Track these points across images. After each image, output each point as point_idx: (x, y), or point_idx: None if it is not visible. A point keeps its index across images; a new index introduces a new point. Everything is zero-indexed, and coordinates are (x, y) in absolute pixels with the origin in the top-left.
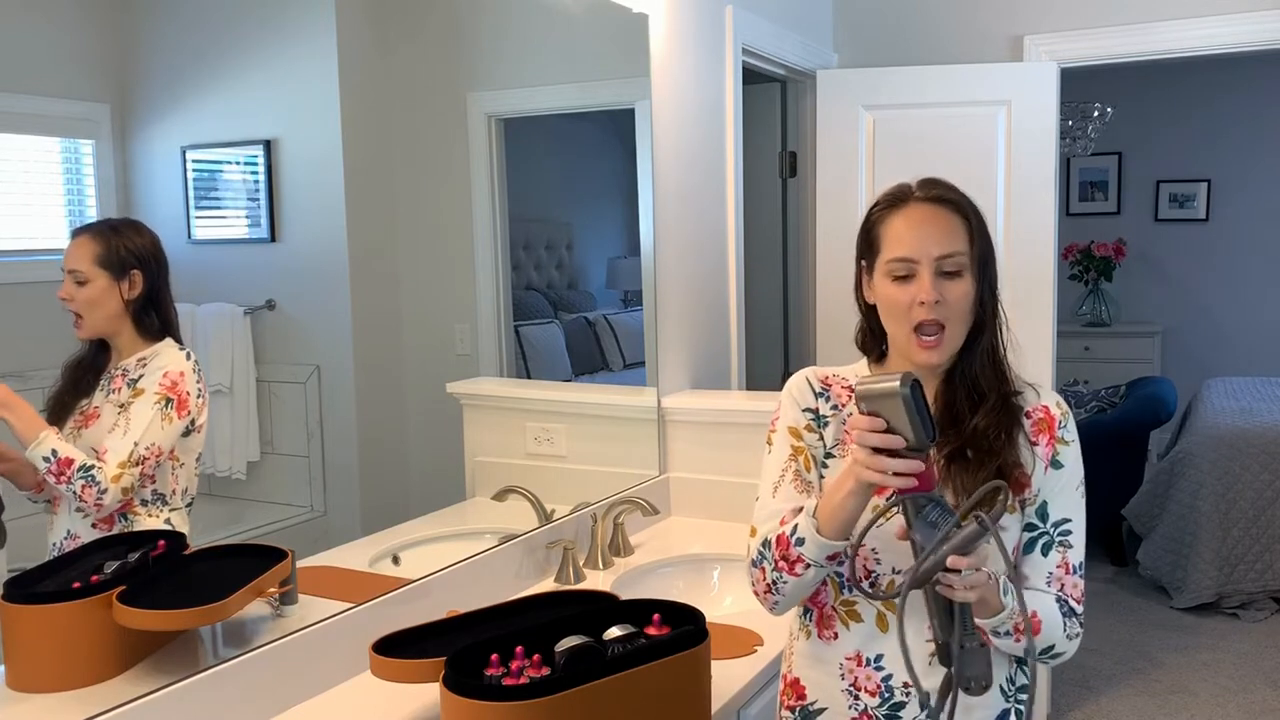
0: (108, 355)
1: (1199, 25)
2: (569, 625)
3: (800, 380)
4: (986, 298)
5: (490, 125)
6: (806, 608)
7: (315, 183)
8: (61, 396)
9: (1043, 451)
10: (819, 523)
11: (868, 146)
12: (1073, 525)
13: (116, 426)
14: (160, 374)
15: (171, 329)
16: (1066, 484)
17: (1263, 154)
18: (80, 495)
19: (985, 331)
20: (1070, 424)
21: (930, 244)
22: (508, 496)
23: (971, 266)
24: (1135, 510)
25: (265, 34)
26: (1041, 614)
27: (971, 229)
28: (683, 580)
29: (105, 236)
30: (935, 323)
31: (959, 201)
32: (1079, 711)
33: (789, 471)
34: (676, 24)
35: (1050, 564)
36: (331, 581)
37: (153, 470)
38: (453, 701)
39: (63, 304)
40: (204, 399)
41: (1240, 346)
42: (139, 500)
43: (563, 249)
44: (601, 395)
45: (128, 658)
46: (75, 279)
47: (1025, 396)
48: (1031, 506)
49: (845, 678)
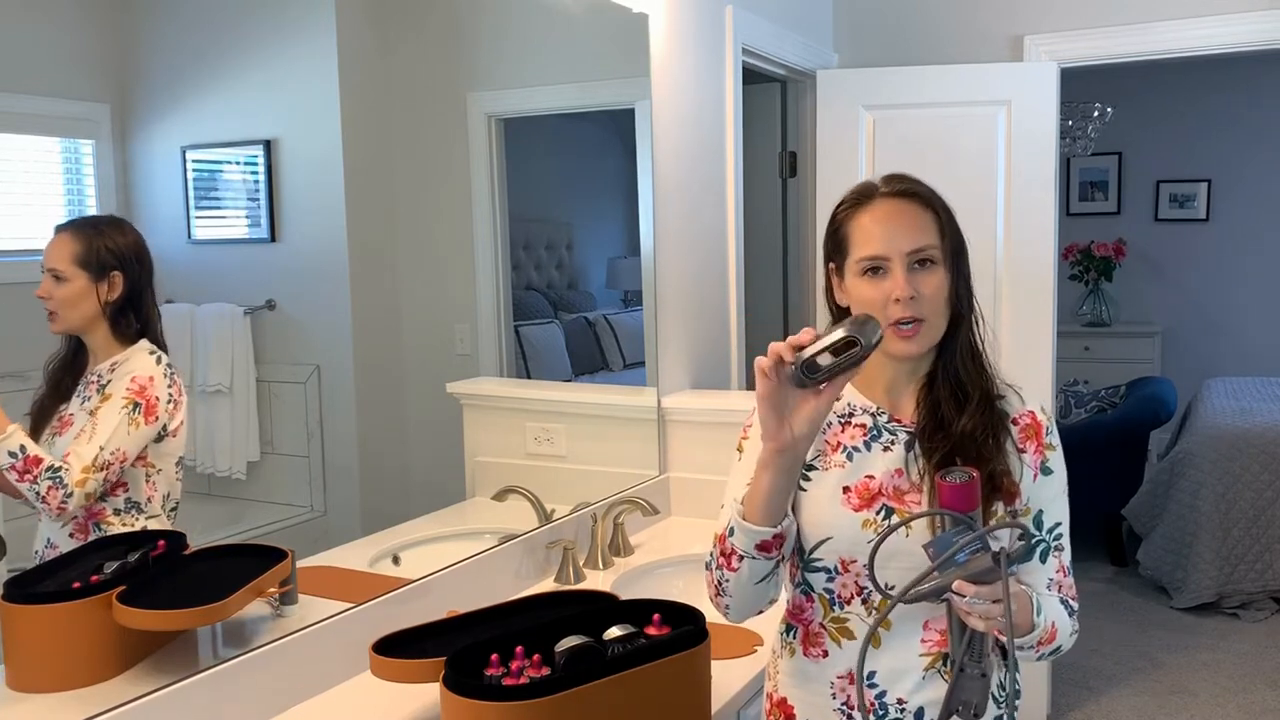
0: (86, 358)
1: (1199, 25)
2: (569, 625)
3: None
4: (962, 291)
5: (490, 125)
6: (790, 625)
7: (315, 183)
8: (43, 401)
9: (1031, 459)
10: (744, 508)
11: (868, 146)
12: (1063, 528)
13: (83, 431)
14: (128, 378)
15: (150, 331)
16: (1058, 490)
17: (1263, 154)
18: (44, 497)
19: (962, 326)
20: (1054, 429)
21: (901, 239)
22: (508, 496)
23: (944, 259)
24: (1135, 510)
25: (265, 34)
26: (1058, 623)
27: (941, 222)
28: (683, 580)
29: (86, 235)
30: (912, 318)
31: (926, 195)
32: (1079, 711)
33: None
34: (676, 24)
35: (1050, 570)
36: (331, 581)
37: (117, 476)
38: (453, 701)
39: (41, 301)
40: (176, 403)
41: (1240, 346)
42: (111, 509)
43: (563, 249)
44: (601, 395)
45: (128, 658)
46: (54, 276)
47: (1009, 402)
48: (1026, 517)
49: (837, 697)
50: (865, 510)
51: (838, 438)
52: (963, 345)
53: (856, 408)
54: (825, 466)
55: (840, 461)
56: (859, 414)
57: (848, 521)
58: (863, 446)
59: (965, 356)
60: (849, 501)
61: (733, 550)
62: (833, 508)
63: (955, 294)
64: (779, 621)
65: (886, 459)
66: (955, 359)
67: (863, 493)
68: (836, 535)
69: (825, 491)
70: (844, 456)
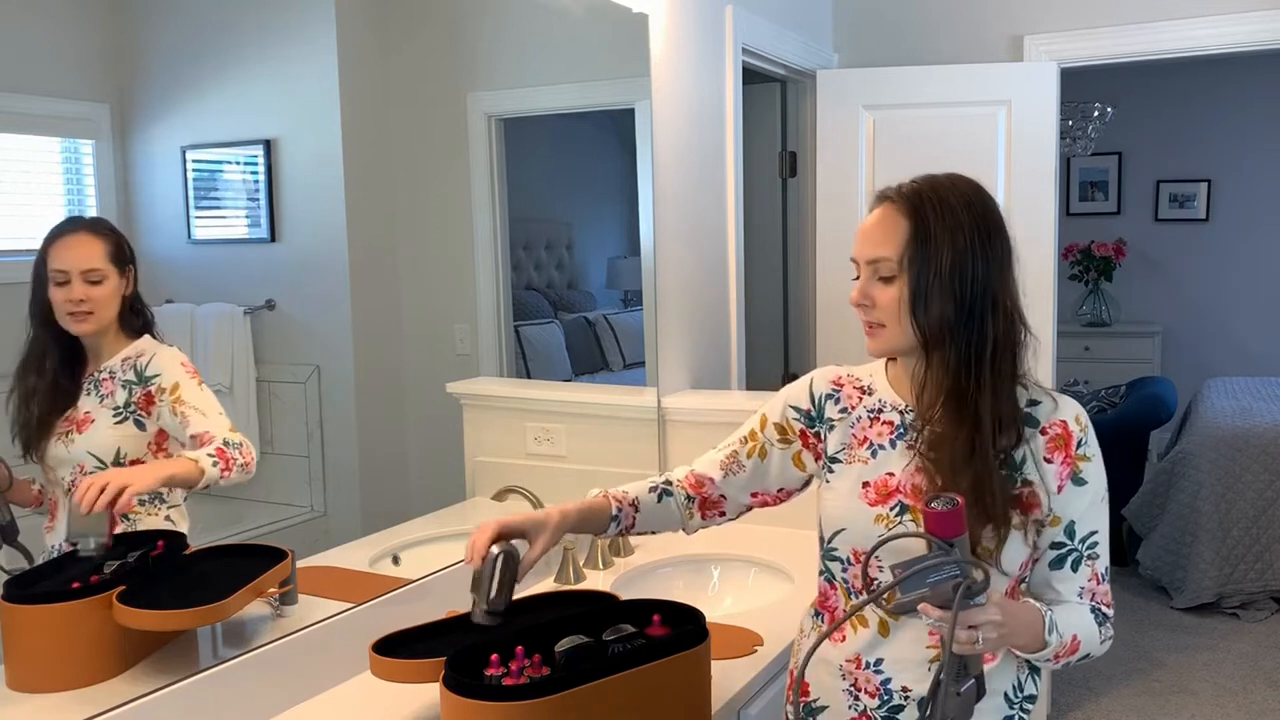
0: (83, 357)
1: (1199, 25)
2: (569, 625)
3: (804, 383)
4: (939, 308)
5: (490, 125)
6: (818, 610)
7: (315, 183)
8: (43, 419)
9: (1057, 470)
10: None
11: (868, 146)
12: (1099, 536)
13: (188, 417)
14: (176, 364)
15: (151, 326)
16: (1092, 499)
17: (1263, 154)
18: (246, 465)
19: (953, 342)
20: (1091, 437)
21: (865, 247)
22: (508, 496)
23: (904, 271)
24: (1135, 510)
25: (265, 34)
26: (1081, 635)
27: (914, 232)
28: (683, 580)
29: (104, 232)
30: (868, 322)
31: (915, 204)
32: (1079, 711)
33: (736, 447)
34: (676, 24)
35: (1082, 578)
36: (331, 581)
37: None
38: (453, 701)
39: (76, 306)
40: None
41: (1240, 346)
42: (136, 500)
43: (563, 249)
44: (601, 395)
45: (128, 658)
46: (89, 279)
47: (1041, 409)
48: (1056, 527)
49: (846, 678)
50: (880, 506)
51: (865, 432)
52: (960, 362)
53: (886, 404)
54: (849, 460)
55: (864, 457)
56: (888, 410)
57: (862, 515)
58: (888, 444)
59: (964, 374)
60: (866, 496)
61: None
62: (851, 501)
63: (919, 307)
64: (809, 605)
65: (909, 457)
66: (950, 374)
67: (880, 489)
68: (850, 528)
69: (846, 485)
70: (868, 452)
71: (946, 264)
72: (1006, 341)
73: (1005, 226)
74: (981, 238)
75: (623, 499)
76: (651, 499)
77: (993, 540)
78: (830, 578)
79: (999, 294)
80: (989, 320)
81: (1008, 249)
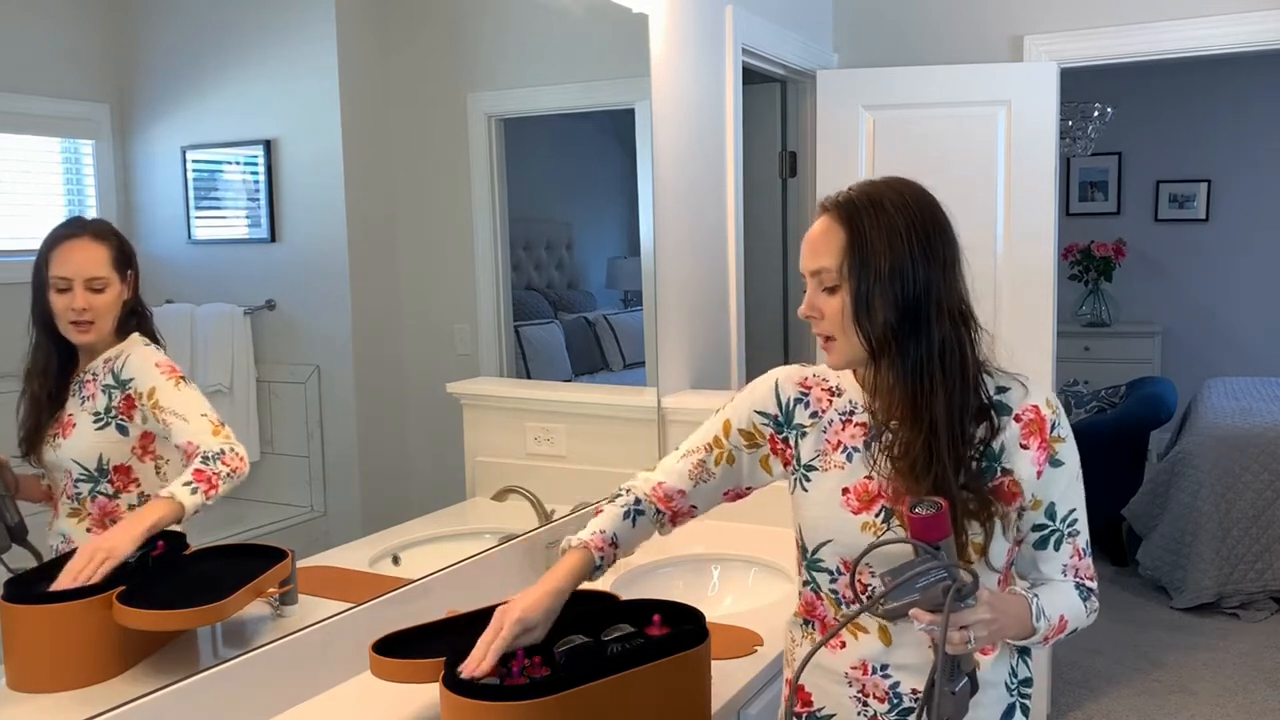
0: (75, 359)
1: (1199, 25)
2: (569, 625)
3: (768, 385)
4: (882, 313)
5: (490, 125)
6: (808, 620)
7: (315, 183)
8: (37, 422)
9: (1034, 456)
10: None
11: (868, 146)
12: (1078, 513)
13: (170, 422)
14: (150, 365)
15: (148, 325)
16: (1069, 479)
17: (1263, 154)
18: (233, 473)
19: (899, 350)
20: (1063, 419)
21: (807, 258)
22: (508, 496)
23: (846, 280)
24: (1135, 510)
25: (265, 34)
26: (1068, 613)
27: (849, 239)
28: (683, 580)
29: (107, 236)
30: (820, 334)
31: (850, 211)
32: (1079, 711)
33: (703, 455)
34: (676, 24)
35: (1064, 556)
36: (331, 581)
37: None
38: (453, 701)
39: (78, 315)
40: None
41: (1240, 346)
42: (125, 505)
43: (563, 249)
44: (601, 395)
45: (128, 658)
46: (92, 286)
47: (1011, 395)
48: (1037, 510)
49: (853, 685)
50: (865, 513)
51: (838, 436)
52: (910, 367)
53: (858, 405)
54: (825, 467)
55: (840, 462)
56: (860, 412)
57: (849, 525)
58: (862, 447)
59: (914, 379)
60: (848, 504)
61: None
62: (833, 510)
63: (862, 314)
64: (790, 615)
65: (882, 459)
66: (900, 379)
67: (861, 495)
68: (837, 538)
69: (825, 493)
70: (843, 456)
71: (885, 269)
72: (954, 342)
73: (949, 227)
74: (920, 240)
75: (602, 544)
76: (626, 525)
77: (980, 535)
78: (816, 589)
79: (943, 296)
80: (934, 322)
81: (952, 250)
